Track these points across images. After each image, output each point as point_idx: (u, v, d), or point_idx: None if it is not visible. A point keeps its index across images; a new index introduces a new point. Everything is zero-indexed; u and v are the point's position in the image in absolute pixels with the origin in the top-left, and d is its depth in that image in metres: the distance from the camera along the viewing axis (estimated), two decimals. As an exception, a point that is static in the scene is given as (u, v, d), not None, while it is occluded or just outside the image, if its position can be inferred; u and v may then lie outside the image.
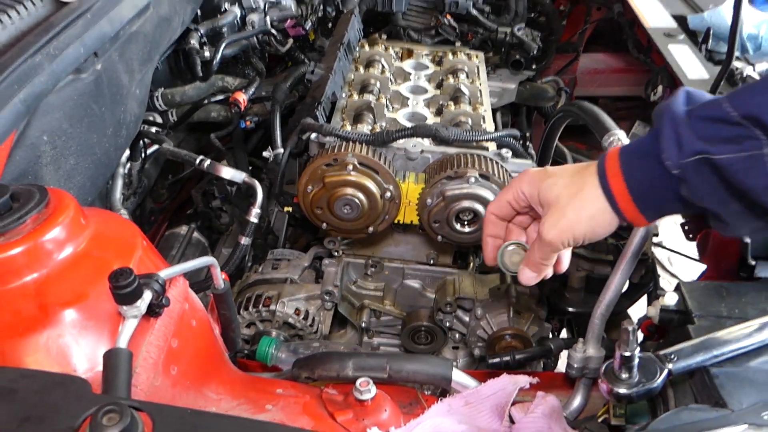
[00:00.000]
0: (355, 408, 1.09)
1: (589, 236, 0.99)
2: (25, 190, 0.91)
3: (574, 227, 0.97)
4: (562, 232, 0.98)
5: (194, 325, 1.02)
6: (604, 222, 0.97)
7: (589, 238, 0.99)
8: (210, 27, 2.02)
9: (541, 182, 1.01)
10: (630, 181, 0.92)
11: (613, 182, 0.93)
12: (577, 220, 0.97)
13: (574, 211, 0.97)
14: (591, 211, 0.96)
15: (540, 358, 1.50)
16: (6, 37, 1.13)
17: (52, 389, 0.72)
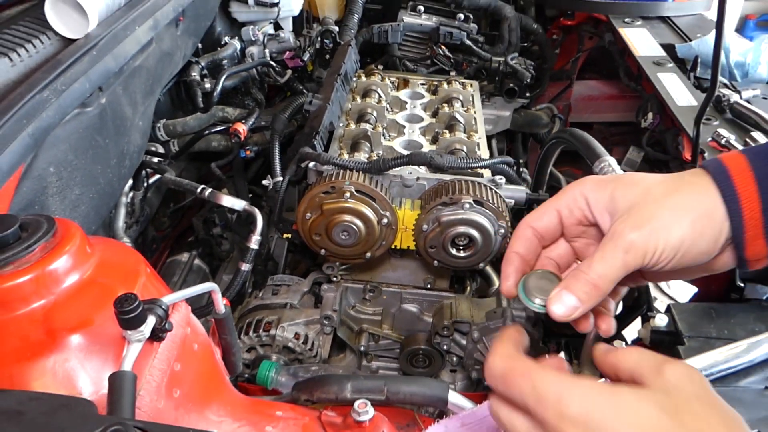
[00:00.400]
0: (353, 429, 1.11)
1: (684, 250, 0.72)
2: (34, 220, 0.94)
3: (671, 231, 0.71)
4: (651, 235, 0.71)
5: (196, 349, 1.04)
6: (712, 233, 0.73)
7: (683, 255, 0.72)
8: (210, 60, 2.08)
9: (617, 182, 0.78)
10: (763, 179, 0.72)
11: (738, 179, 0.72)
12: (675, 222, 0.72)
13: (674, 211, 0.73)
14: (698, 212, 0.73)
15: (536, 380, 1.52)
16: (15, 74, 1.18)
17: (59, 411, 0.75)
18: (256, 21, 2.30)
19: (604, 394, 0.63)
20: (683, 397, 0.61)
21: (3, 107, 1.07)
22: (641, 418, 0.60)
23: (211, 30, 2.14)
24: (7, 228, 0.88)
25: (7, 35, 1.24)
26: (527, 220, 0.83)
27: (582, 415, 0.62)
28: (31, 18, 1.32)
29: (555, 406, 0.64)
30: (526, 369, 0.69)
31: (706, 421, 0.60)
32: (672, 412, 0.60)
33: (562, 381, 0.65)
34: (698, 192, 0.74)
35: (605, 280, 0.72)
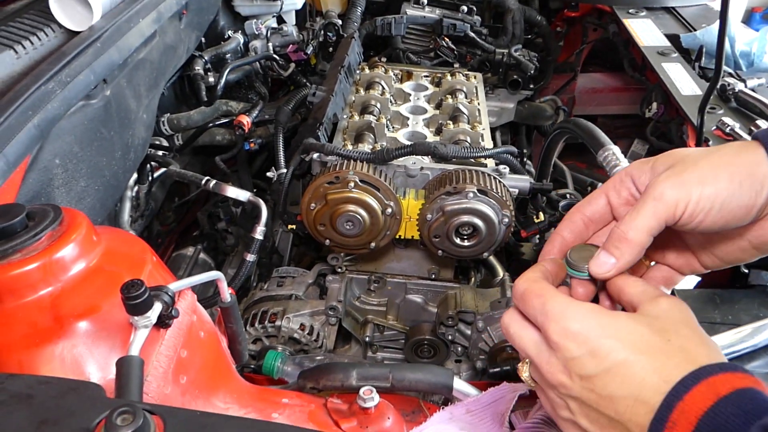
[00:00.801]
0: (358, 416, 1.12)
1: (721, 202, 0.71)
2: (40, 209, 0.95)
3: (706, 182, 0.70)
4: (684, 185, 0.71)
5: (202, 336, 1.05)
6: (752, 184, 0.71)
7: (721, 208, 0.71)
8: (214, 53, 2.09)
9: (658, 156, 0.78)
10: None
11: None
12: (712, 176, 0.71)
13: (711, 165, 0.72)
14: (737, 165, 0.71)
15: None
16: (21, 66, 1.19)
17: (68, 394, 0.75)
18: (259, 14, 2.31)
19: (602, 315, 0.71)
20: (671, 321, 0.69)
21: (9, 99, 1.08)
22: (633, 334, 0.68)
23: (214, 24, 2.15)
24: (15, 216, 0.89)
25: (12, 28, 1.25)
26: (578, 206, 0.84)
27: (582, 331, 0.70)
28: (35, 11, 1.33)
29: (559, 322, 0.72)
30: (541, 290, 0.76)
31: (689, 340, 0.68)
32: (660, 331, 0.68)
33: (567, 302, 0.73)
34: (740, 149, 0.73)
35: (636, 232, 0.73)
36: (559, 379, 0.72)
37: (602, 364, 0.68)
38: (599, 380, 0.68)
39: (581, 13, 2.71)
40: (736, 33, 1.98)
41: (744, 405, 0.59)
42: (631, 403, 0.66)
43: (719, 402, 0.60)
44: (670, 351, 0.66)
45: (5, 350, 0.85)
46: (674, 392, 0.63)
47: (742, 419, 0.58)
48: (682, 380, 0.63)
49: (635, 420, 0.65)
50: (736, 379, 0.62)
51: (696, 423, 0.60)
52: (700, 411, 0.60)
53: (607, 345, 0.68)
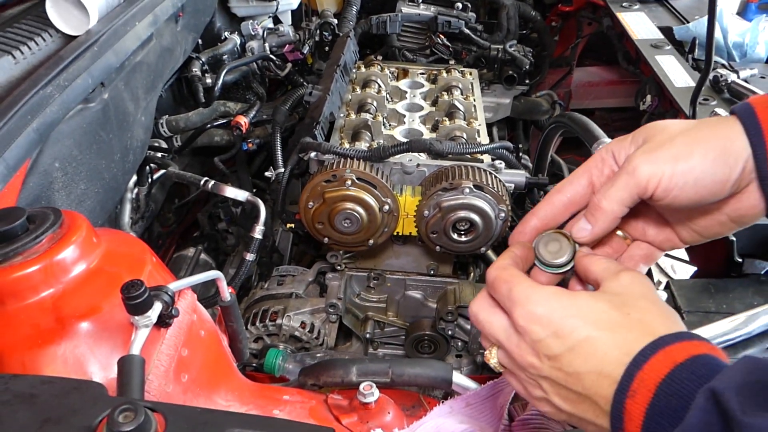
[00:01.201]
0: (359, 411, 1.13)
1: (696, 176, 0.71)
2: (41, 212, 0.97)
3: (680, 157, 0.71)
4: (658, 159, 0.72)
5: (203, 335, 1.06)
6: (727, 159, 0.71)
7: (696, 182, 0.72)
8: (211, 55, 2.10)
9: (637, 130, 0.79)
10: None
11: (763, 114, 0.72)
12: (686, 152, 0.72)
13: (686, 141, 0.72)
14: (713, 140, 0.72)
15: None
16: (19, 71, 1.20)
17: (70, 393, 0.76)
18: (256, 15, 2.32)
19: (564, 296, 0.74)
20: (631, 295, 0.72)
21: (8, 104, 1.09)
22: (593, 312, 0.71)
23: (210, 25, 2.16)
24: (15, 220, 0.91)
25: (9, 33, 1.26)
26: (558, 186, 0.84)
27: (545, 314, 0.73)
28: (32, 16, 1.34)
29: (524, 306, 0.75)
30: (509, 276, 0.79)
31: (648, 312, 0.70)
32: (620, 306, 0.71)
33: (532, 287, 0.76)
34: (717, 123, 0.74)
35: (609, 202, 0.76)
36: (528, 361, 0.75)
37: (566, 343, 0.70)
38: (565, 358, 0.71)
39: (575, 8, 2.72)
40: (728, 24, 1.99)
41: (697, 370, 0.62)
42: (595, 378, 0.68)
43: (675, 369, 0.62)
44: (630, 324, 0.69)
45: (8, 351, 0.86)
46: (634, 363, 0.65)
47: (695, 383, 0.61)
48: (642, 351, 0.65)
49: (601, 393, 0.68)
50: (691, 347, 0.64)
51: (654, 390, 0.63)
52: (658, 378, 0.63)
53: (569, 325, 0.71)
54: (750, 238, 1.26)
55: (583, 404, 0.71)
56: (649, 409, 0.62)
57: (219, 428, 0.73)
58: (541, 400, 0.77)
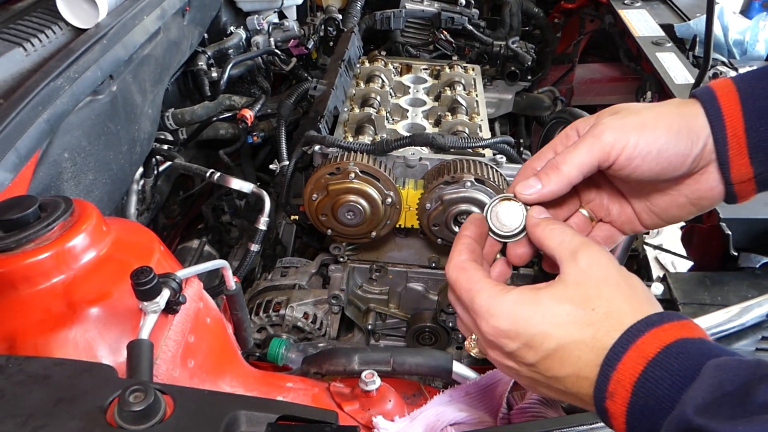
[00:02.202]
0: (361, 399, 1.16)
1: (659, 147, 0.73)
2: (52, 201, 0.99)
3: (645, 129, 0.73)
4: (624, 127, 0.74)
5: (209, 322, 1.09)
6: (689, 134, 0.74)
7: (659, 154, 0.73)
8: (217, 49, 2.12)
9: (602, 111, 0.80)
10: (747, 98, 0.74)
11: (724, 98, 0.74)
12: (652, 123, 0.74)
13: (653, 114, 0.75)
14: (677, 116, 0.74)
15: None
16: (30, 63, 1.23)
17: (82, 375, 0.79)
18: (261, 10, 2.35)
19: (526, 305, 0.71)
20: (592, 283, 0.70)
21: (19, 95, 1.12)
22: (558, 316, 0.69)
23: (216, 20, 2.18)
24: (28, 208, 0.93)
25: (20, 26, 1.28)
26: (527, 163, 0.83)
27: (511, 328, 0.71)
28: (43, 9, 1.36)
29: (488, 321, 0.73)
30: (468, 282, 0.77)
31: (612, 301, 0.68)
32: (583, 301, 0.69)
33: (491, 297, 0.74)
34: (679, 104, 0.76)
35: (568, 165, 0.75)
36: (506, 364, 0.75)
37: (539, 353, 0.70)
38: (541, 365, 0.71)
39: (578, 5, 2.74)
40: (729, 22, 2.01)
41: (671, 365, 0.61)
42: (574, 380, 0.68)
43: (648, 366, 0.62)
44: (597, 321, 0.68)
45: (21, 335, 0.89)
46: (607, 362, 0.65)
47: (668, 382, 0.61)
48: (613, 348, 0.65)
49: (582, 392, 0.68)
50: (661, 334, 0.63)
51: (631, 390, 0.63)
52: (633, 378, 0.63)
53: (538, 336, 0.70)
54: (746, 233, 1.29)
55: (569, 397, 0.72)
56: (630, 408, 0.63)
57: (226, 410, 0.76)
58: (527, 385, 0.78)
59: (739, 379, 0.57)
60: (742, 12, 5.20)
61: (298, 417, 0.78)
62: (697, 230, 1.41)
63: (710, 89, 0.76)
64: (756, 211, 1.30)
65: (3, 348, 0.88)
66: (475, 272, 0.77)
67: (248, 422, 0.76)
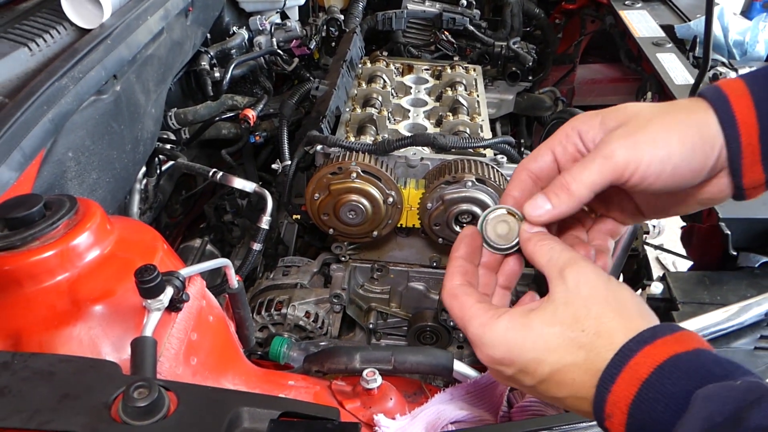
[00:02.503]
0: (362, 397, 1.17)
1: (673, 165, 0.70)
2: (57, 199, 1.00)
3: (658, 143, 0.70)
4: (636, 146, 0.70)
5: (211, 320, 1.10)
6: (704, 148, 0.70)
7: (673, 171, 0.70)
8: (219, 49, 2.13)
9: (606, 110, 0.76)
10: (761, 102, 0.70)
11: (737, 103, 0.70)
12: (665, 139, 0.70)
13: (664, 126, 0.71)
14: (689, 127, 0.71)
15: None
16: (35, 63, 1.24)
17: (87, 371, 0.80)
18: (263, 11, 2.35)
19: (517, 329, 0.71)
20: (580, 302, 0.69)
21: (24, 95, 1.13)
22: (549, 341, 0.69)
23: (219, 20, 2.19)
24: (33, 206, 0.94)
25: (25, 26, 1.29)
26: (523, 163, 0.80)
27: (505, 356, 0.71)
28: (47, 9, 1.37)
29: (482, 350, 0.73)
30: (459, 310, 0.76)
31: (601, 320, 0.68)
32: (572, 323, 0.68)
33: (482, 326, 0.73)
34: (691, 110, 0.72)
35: (579, 185, 0.72)
36: (508, 384, 0.77)
37: (536, 378, 0.70)
38: (540, 388, 0.71)
39: (579, 5, 2.74)
40: (729, 22, 2.01)
41: (664, 387, 0.61)
42: (574, 400, 0.69)
43: (641, 388, 0.61)
44: (588, 342, 0.67)
45: (27, 332, 0.90)
46: (602, 385, 0.65)
47: (662, 403, 0.60)
48: (607, 369, 0.65)
49: (583, 410, 0.69)
50: (654, 352, 0.63)
51: (627, 411, 0.62)
52: (628, 400, 0.62)
53: (532, 363, 0.70)
54: (745, 233, 1.29)
55: (573, 411, 0.72)
56: (628, 429, 0.63)
57: (229, 406, 0.77)
58: None
59: (729, 408, 0.57)
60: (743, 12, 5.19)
61: (300, 414, 0.79)
62: (696, 230, 1.41)
63: (722, 93, 0.73)
64: (755, 210, 1.30)
65: (8, 345, 0.89)
66: (467, 298, 0.77)
67: (251, 418, 0.77)
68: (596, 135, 0.75)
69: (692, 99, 0.75)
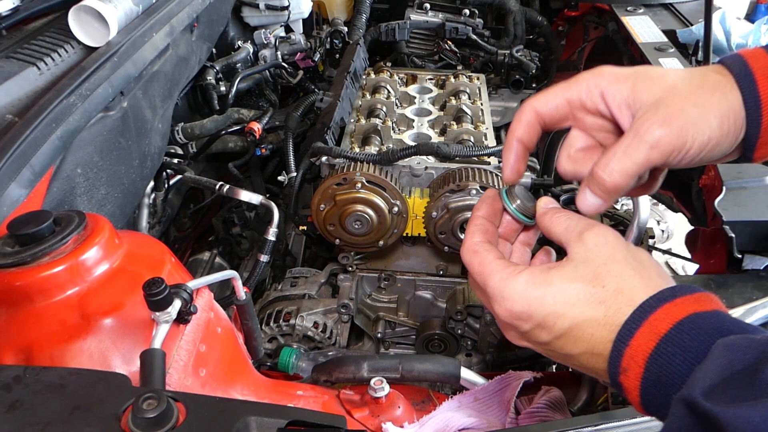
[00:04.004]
0: (370, 406, 1.17)
1: (710, 149, 0.71)
2: (66, 215, 1.02)
3: (699, 129, 0.69)
4: (681, 132, 0.69)
5: (220, 332, 1.11)
6: (735, 134, 0.71)
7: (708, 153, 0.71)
8: (225, 63, 2.15)
9: (637, 77, 0.73)
10: None
11: (763, 85, 0.70)
12: (704, 123, 0.70)
13: (705, 110, 0.70)
14: (724, 112, 0.70)
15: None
16: (43, 82, 1.26)
17: (97, 384, 0.81)
18: (268, 24, 2.38)
19: (537, 286, 0.72)
20: (600, 261, 0.71)
21: (33, 113, 1.15)
22: (569, 296, 0.70)
23: (224, 35, 2.21)
24: (42, 222, 0.96)
25: (34, 46, 1.32)
26: (532, 103, 0.78)
27: (524, 310, 0.72)
28: (55, 29, 1.40)
29: (501, 304, 0.74)
30: (479, 266, 0.77)
31: (621, 278, 0.69)
32: (593, 279, 0.70)
33: (503, 280, 0.74)
34: (723, 92, 0.71)
35: (625, 176, 0.71)
36: (521, 342, 0.77)
37: (553, 333, 0.71)
38: (555, 344, 0.72)
39: (581, 12, 2.75)
40: (732, 26, 2.02)
41: (683, 342, 0.62)
42: (589, 357, 0.70)
43: (661, 342, 0.63)
44: (608, 298, 0.68)
45: (38, 346, 0.92)
46: (620, 339, 0.66)
47: (681, 357, 0.61)
48: (625, 324, 0.66)
49: (597, 367, 0.69)
50: (673, 309, 0.64)
51: (644, 365, 0.63)
52: (646, 354, 0.63)
53: (551, 317, 0.71)
54: (750, 235, 1.29)
55: (586, 371, 0.73)
56: (643, 382, 0.64)
57: (236, 415, 0.78)
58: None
59: (748, 358, 0.58)
60: (748, 15, 5.19)
61: (307, 422, 0.79)
62: (701, 233, 1.42)
63: (749, 72, 0.72)
64: (759, 213, 1.30)
65: (20, 359, 0.91)
66: (487, 254, 0.78)
67: (258, 428, 0.77)
68: (624, 101, 0.73)
69: (718, 70, 0.73)
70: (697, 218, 1.56)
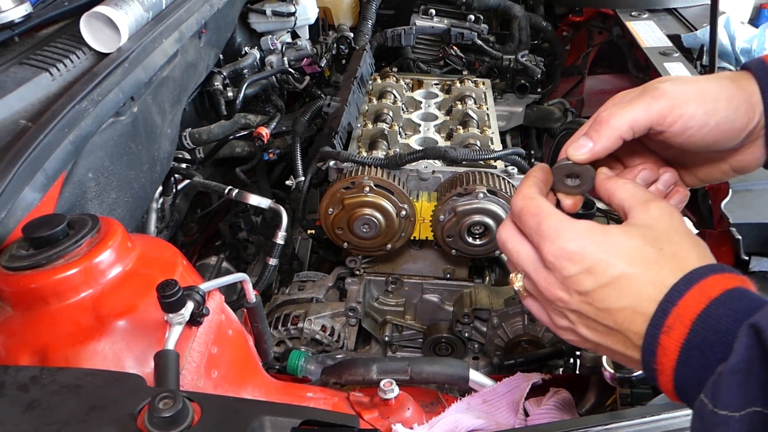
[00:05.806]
0: (380, 407, 1.18)
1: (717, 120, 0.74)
2: (79, 219, 1.03)
3: (707, 95, 0.73)
4: (685, 91, 0.73)
5: (231, 334, 1.12)
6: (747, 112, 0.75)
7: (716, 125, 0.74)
8: (232, 69, 2.17)
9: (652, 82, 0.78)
10: None
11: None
12: (713, 94, 0.74)
13: (714, 86, 0.75)
14: (735, 91, 0.75)
15: (551, 358, 1.57)
16: (56, 87, 1.27)
17: (112, 384, 0.82)
18: (274, 30, 2.39)
19: (596, 232, 0.72)
20: (663, 229, 0.72)
21: (46, 118, 1.16)
22: (627, 248, 0.70)
23: (231, 41, 2.23)
24: (57, 225, 0.97)
25: (46, 52, 1.33)
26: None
27: (578, 250, 0.71)
28: (67, 35, 1.41)
29: (555, 242, 0.73)
30: (537, 208, 0.76)
31: (680, 246, 0.70)
32: (653, 241, 0.70)
33: (562, 221, 0.74)
34: (736, 79, 0.75)
35: (619, 119, 0.74)
36: (557, 295, 0.74)
37: (599, 280, 0.70)
38: (597, 294, 0.70)
39: (586, 18, 2.77)
40: (736, 30, 2.03)
41: (734, 305, 0.62)
42: (629, 314, 0.69)
43: (711, 304, 0.63)
44: (663, 260, 0.69)
45: (52, 347, 0.93)
46: (668, 298, 0.66)
47: (731, 318, 0.62)
48: (675, 286, 0.66)
49: (633, 329, 0.68)
50: (725, 280, 0.65)
51: (690, 325, 0.63)
52: (694, 314, 0.63)
53: (603, 262, 0.70)
54: (756, 237, 1.30)
55: (613, 337, 0.71)
56: (685, 344, 0.64)
57: (251, 415, 0.79)
58: (566, 330, 0.77)
59: None
60: (752, 19, 5.19)
61: (320, 422, 0.80)
62: (707, 235, 1.42)
63: (766, 66, 0.75)
64: (766, 215, 1.31)
65: (36, 360, 0.92)
66: (545, 202, 0.78)
67: (273, 427, 0.78)
68: None
69: (737, 71, 0.78)
70: (703, 221, 1.56)
